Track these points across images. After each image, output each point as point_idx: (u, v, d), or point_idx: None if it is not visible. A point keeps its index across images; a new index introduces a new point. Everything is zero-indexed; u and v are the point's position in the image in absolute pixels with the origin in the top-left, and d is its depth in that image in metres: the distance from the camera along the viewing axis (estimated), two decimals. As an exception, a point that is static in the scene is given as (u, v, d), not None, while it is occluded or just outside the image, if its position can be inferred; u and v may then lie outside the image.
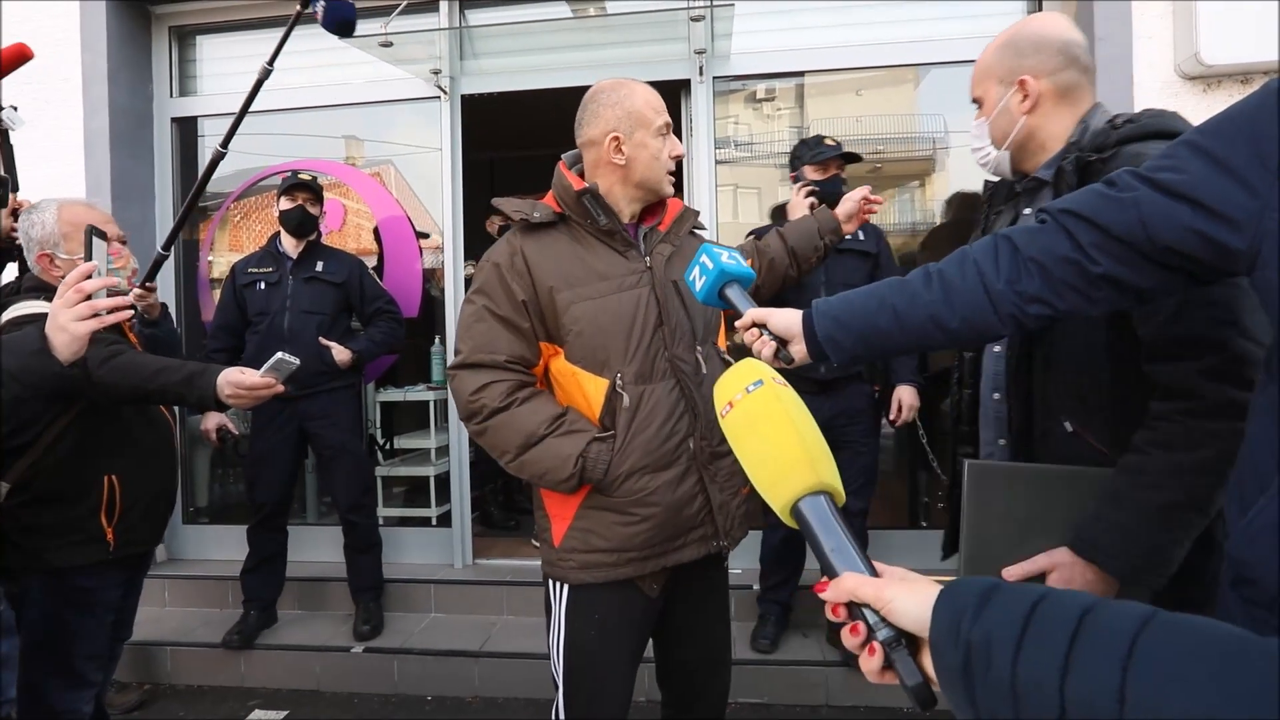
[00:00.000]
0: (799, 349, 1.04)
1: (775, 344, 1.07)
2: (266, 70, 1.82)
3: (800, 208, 2.44)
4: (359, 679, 2.73)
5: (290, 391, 2.51)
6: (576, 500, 1.40)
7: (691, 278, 1.20)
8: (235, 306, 2.87)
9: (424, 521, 3.38)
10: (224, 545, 3.30)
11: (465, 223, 3.29)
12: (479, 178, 4.49)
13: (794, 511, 0.63)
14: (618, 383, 1.37)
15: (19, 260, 1.84)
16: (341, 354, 2.80)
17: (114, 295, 1.28)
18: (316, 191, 2.88)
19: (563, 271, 1.39)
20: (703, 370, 1.43)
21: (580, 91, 1.51)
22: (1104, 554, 0.97)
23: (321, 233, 2.98)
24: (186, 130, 3.50)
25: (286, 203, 2.81)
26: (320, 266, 2.86)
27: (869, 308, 0.98)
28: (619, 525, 1.37)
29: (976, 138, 1.23)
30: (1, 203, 1.50)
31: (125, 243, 1.87)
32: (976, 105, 1.22)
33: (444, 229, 3.25)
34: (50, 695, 1.67)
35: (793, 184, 2.59)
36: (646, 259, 1.44)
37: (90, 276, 1.24)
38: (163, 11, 3.40)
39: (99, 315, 1.23)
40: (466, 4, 3.24)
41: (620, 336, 1.37)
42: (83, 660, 1.71)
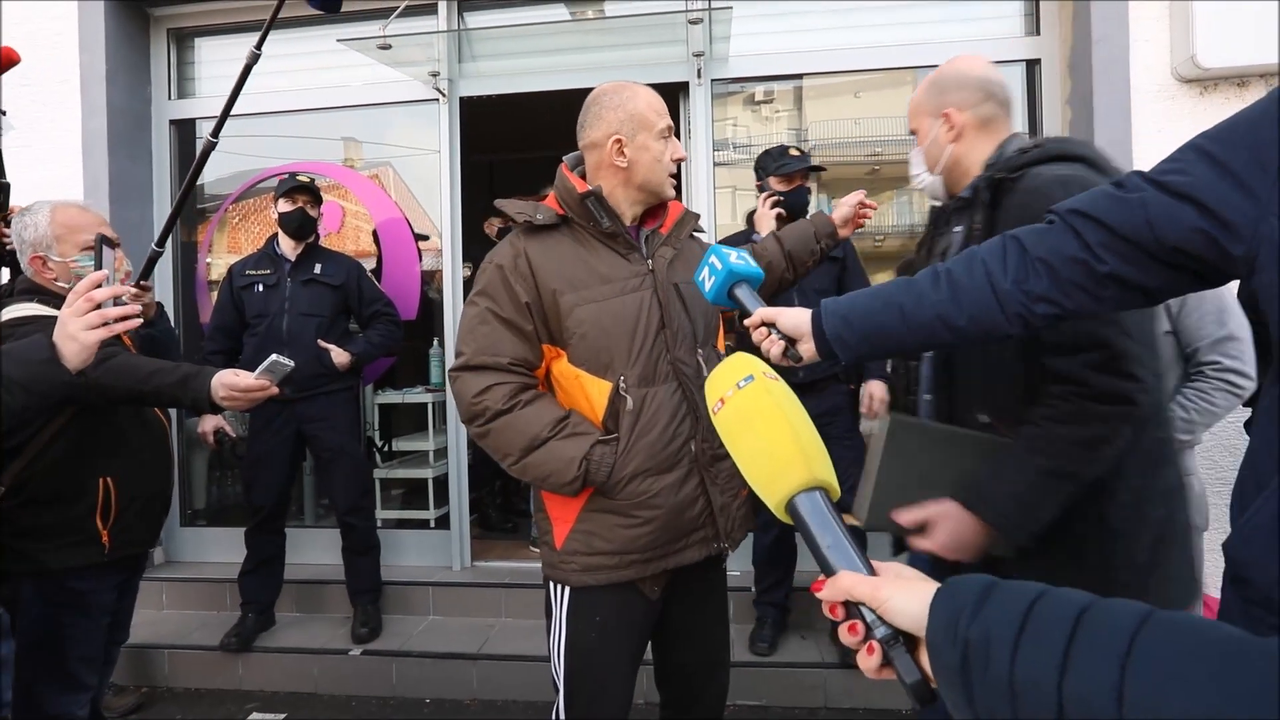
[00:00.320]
0: (807, 348, 1.06)
1: (784, 343, 1.08)
2: (254, 55, 1.80)
3: (767, 220, 2.46)
4: (357, 681, 2.72)
5: (288, 394, 2.52)
6: (579, 503, 1.40)
7: (700, 278, 1.21)
8: (232, 308, 2.86)
9: (422, 524, 3.37)
10: (222, 548, 3.29)
11: (464, 225, 3.29)
12: (477, 180, 4.50)
13: (789, 508, 0.63)
14: (621, 385, 1.37)
15: (12, 263, 1.83)
16: (340, 356, 2.79)
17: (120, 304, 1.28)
18: (316, 194, 2.88)
19: (566, 274, 1.39)
20: (704, 373, 1.43)
21: (579, 94, 1.51)
22: (986, 506, 1.09)
23: (320, 235, 2.98)
24: (184, 132, 3.49)
25: (286, 205, 2.80)
26: (318, 269, 2.86)
27: (877, 307, 1.00)
28: (621, 528, 1.37)
29: (915, 165, 1.38)
30: (2, 208, 1.50)
31: (119, 245, 1.86)
32: (914, 136, 1.35)
33: (442, 231, 3.24)
34: (45, 698, 1.66)
35: (758, 193, 2.61)
36: (649, 262, 1.44)
37: (100, 285, 1.24)
38: (161, 13, 3.40)
39: (108, 324, 1.23)
40: (465, 6, 3.24)
41: (623, 339, 1.37)
42: (77, 663, 1.70)
